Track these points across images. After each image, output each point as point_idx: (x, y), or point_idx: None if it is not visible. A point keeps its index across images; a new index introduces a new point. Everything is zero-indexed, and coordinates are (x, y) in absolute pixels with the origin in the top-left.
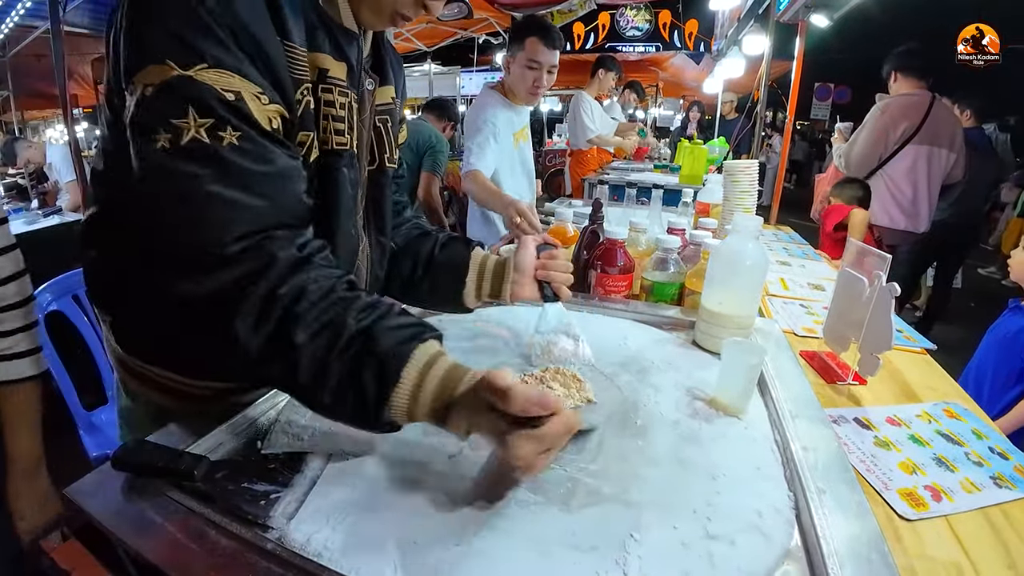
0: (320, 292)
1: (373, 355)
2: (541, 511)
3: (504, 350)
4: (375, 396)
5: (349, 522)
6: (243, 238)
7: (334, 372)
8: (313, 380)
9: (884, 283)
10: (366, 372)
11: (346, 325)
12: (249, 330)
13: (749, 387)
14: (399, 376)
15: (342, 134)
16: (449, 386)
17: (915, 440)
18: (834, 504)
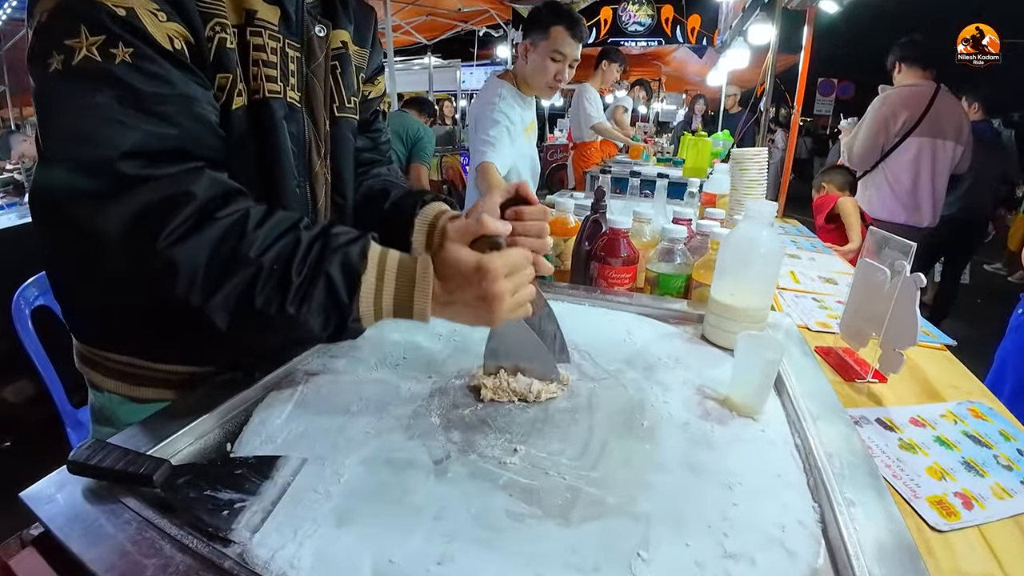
0: (262, 213)
1: (334, 252)
2: (536, 525)
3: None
4: (346, 287)
5: (319, 536)
6: (135, 156)
7: (295, 279)
8: (278, 294)
9: (908, 272)
10: (332, 267)
11: (300, 237)
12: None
13: (766, 385)
14: (365, 258)
15: (274, 81)
16: (407, 262)
17: (941, 442)
18: (864, 516)
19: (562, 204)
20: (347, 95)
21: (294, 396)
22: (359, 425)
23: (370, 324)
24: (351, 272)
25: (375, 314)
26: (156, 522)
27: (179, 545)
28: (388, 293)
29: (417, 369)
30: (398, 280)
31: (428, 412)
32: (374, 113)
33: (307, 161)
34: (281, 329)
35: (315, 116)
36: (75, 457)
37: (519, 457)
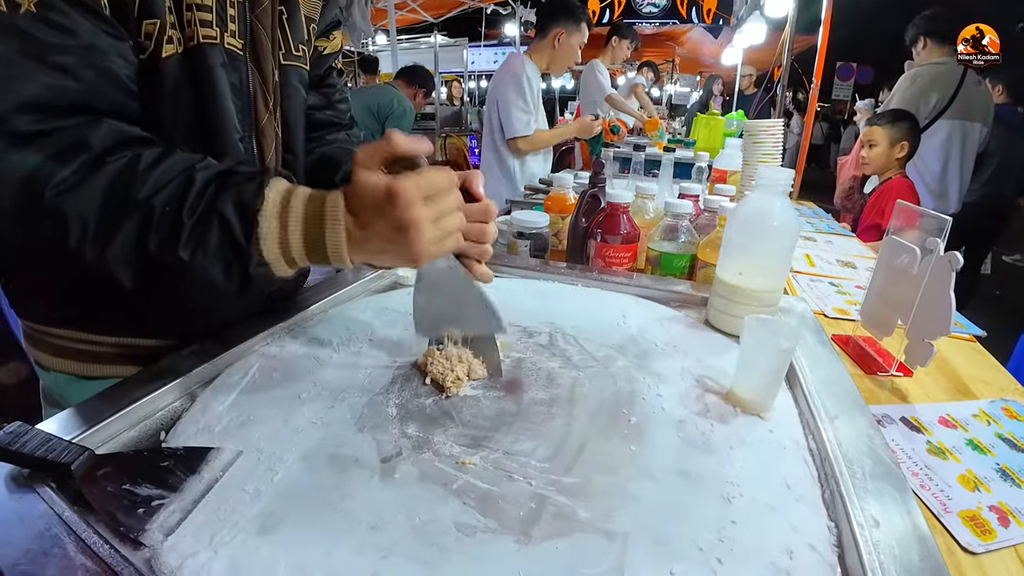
0: (157, 155)
1: (229, 190)
2: (490, 542)
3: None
4: (241, 227)
5: (237, 544)
6: (31, 110)
7: (187, 221)
8: (171, 237)
9: (942, 251)
10: (225, 207)
11: (194, 176)
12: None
13: (777, 378)
14: (262, 195)
15: (209, 26)
16: (316, 197)
17: (974, 446)
18: (891, 540)
19: (560, 179)
20: (295, 42)
21: (243, 381)
22: (307, 414)
23: (284, 271)
24: (246, 210)
25: (285, 258)
26: (66, 517)
27: (82, 546)
28: (295, 232)
29: (382, 352)
30: (306, 217)
31: (386, 401)
32: (328, 69)
33: (252, 114)
34: (186, 279)
35: (261, 66)
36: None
37: (480, 457)
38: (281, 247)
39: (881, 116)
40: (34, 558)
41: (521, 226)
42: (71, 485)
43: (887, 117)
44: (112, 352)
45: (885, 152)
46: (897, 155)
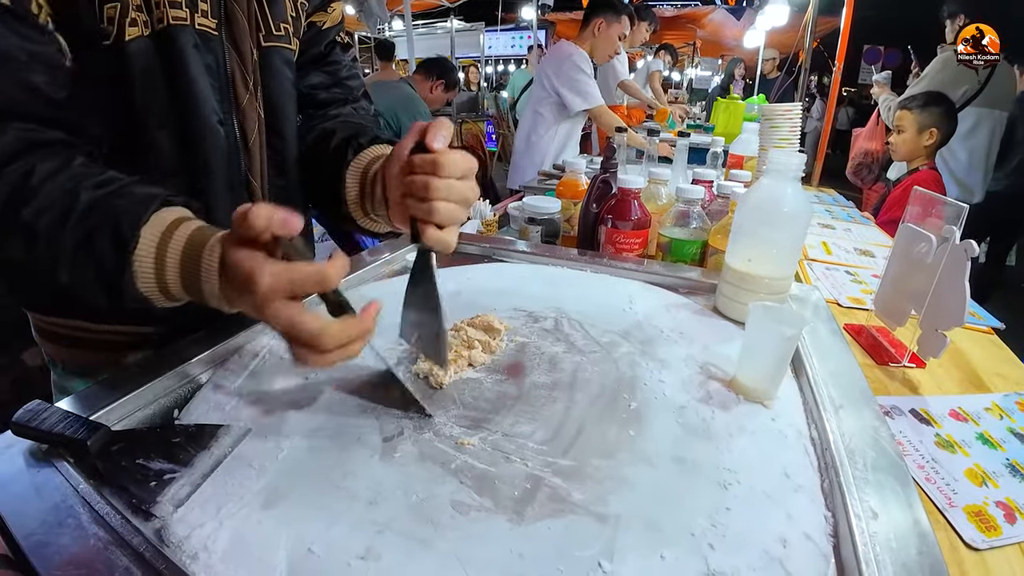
0: (51, 168)
1: (108, 220)
2: (483, 520)
3: None
4: (113, 263)
5: (242, 517)
6: None
7: (67, 245)
8: (51, 260)
9: (958, 239)
10: (101, 238)
11: (79, 197)
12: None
13: (781, 366)
14: (136, 235)
15: (179, 7)
16: (198, 241)
17: (984, 440)
18: (889, 533)
19: (572, 164)
20: (275, 21)
21: (253, 362)
22: (314, 394)
23: (166, 303)
24: (120, 247)
25: (164, 294)
26: (81, 490)
27: (97, 517)
28: (172, 273)
29: (389, 336)
30: (183, 262)
31: (391, 383)
32: (329, 45)
33: (232, 95)
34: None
35: (239, 46)
36: (18, 418)
37: (479, 438)
38: (158, 285)
39: (912, 99)
40: (50, 528)
41: (533, 212)
42: (87, 460)
43: (918, 100)
44: (114, 340)
45: (912, 139)
46: (925, 142)
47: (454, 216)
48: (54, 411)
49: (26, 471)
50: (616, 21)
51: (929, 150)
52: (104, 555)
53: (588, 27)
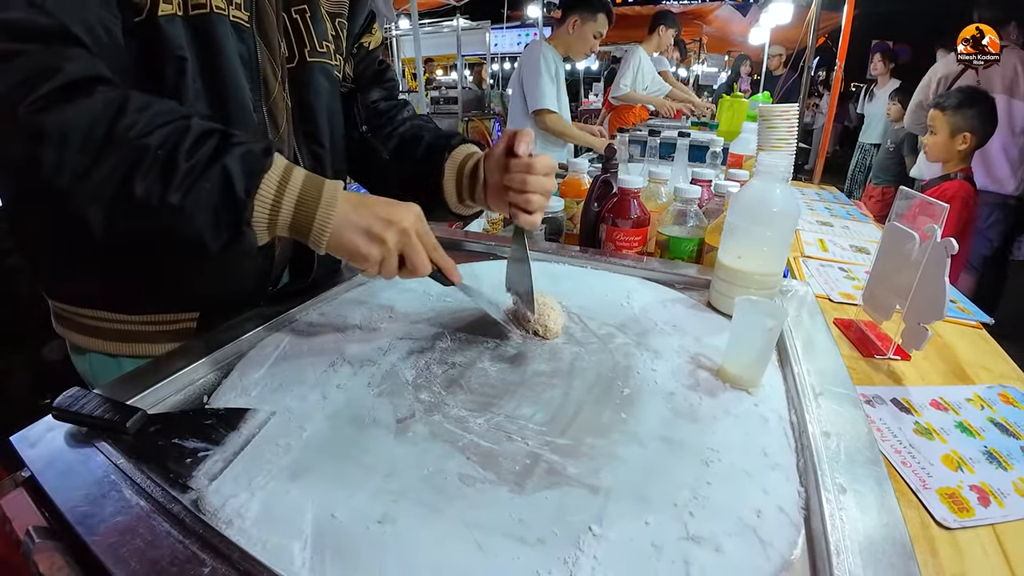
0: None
1: (232, 143)
2: (487, 491)
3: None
4: (244, 184)
5: (271, 488)
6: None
7: (182, 165)
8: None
9: (938, 238)
10: (229, 159)
11: (190, 121)
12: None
13: (764, 355)
14: (270, 158)
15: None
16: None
17: (963, 429)
18: (856, 506)
19: (575, 164)
20: (318, 40)
21: (275, 352)
22: (332, 381)
23: (262, 239)
24: (253, 166)
25: (269, 225)
26: (123, 467)
27: (138, 489)
28: (288, 203)
29: (401, 328)
30: (302, 193)
31: (403, 371)
32: (381, 63)
33: (262, 85)
34: (164, 227)
35: (269, 41)
36: (59, 404)
37: (484, 419)
38: (271, 213)
39: (946, 97)
40: (93, 500)
41: None
42: (125, 441)
43: (952, 99)
44: (138, 331)
45: (944, 143)
46: (959, 147)
47: (541, 204)
48: (93, 397)
49: (68, 451)
50: (591, 19)
51: (963, 154)
52: (146, 521)
53: (563, 24)
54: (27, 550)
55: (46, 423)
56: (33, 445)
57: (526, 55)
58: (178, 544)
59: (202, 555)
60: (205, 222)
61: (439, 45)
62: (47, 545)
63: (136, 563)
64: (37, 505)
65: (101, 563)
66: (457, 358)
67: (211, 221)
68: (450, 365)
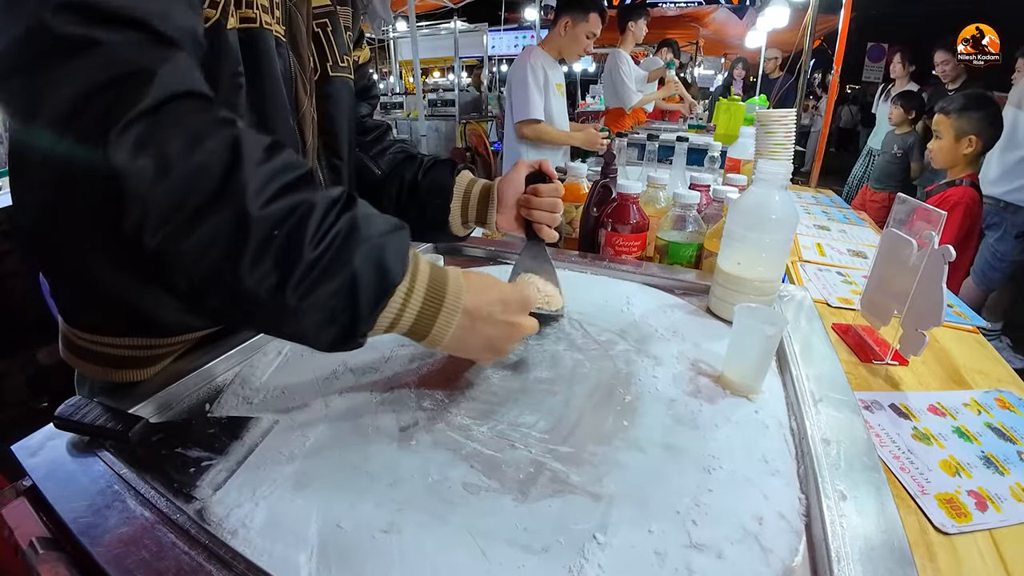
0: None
1: (366, 239)
2: (492, 500)
3: None
4: (374, 292)
5: (276, 497)
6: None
7: (311, 253)
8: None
9: (936, 245)
10: (359, 258)
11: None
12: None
13: (764, 362)
14: (404, 266)
15: (268, 12)
16: (437, 276)
17: (961, 434)
18: (856, 512)
19: (574, 168)
20: (340, 54)
21: (277, 360)
22: (335, 389)
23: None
24: (385, 277)
25: (386, 329)
26: (125, 476)
27: (142, 499)
28: (412, 309)
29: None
30: (426, 298)
31: (405, 379)
32: (370, 78)
33: (294, 98)
34: (265, 317)
35: (300, 53)
36: (60, 413)
37: (487, 427)
38: (389, 326)
39: (950, 101)
40: (97, 510)
41: None
42: (128, 450)
43: (956, 103)
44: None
45: (949, 147)
46: (964, 151)
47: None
48: (95, 406)
49: (70, 460)
50: (583, 20)
51: (968, 159)
52: (151, 532)
53: (556, 27)
54: (31, 561)
55: (47, 432)
56: (34, 454)
57: (514, 65)
58: (184, 555)
59: (208, 566)
60: (314, 323)
61: (437, 47)
62: (51, 556)
63: (142, 574)
64: (39, 515)
65: (106, 574)
66: (459, 365)
67: (321, 322)
68: (453, 372)
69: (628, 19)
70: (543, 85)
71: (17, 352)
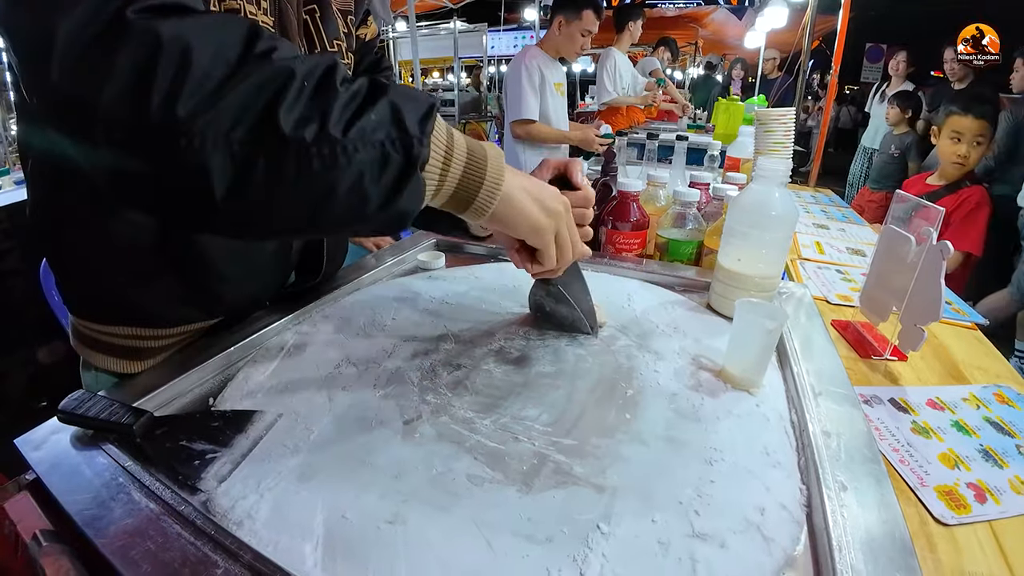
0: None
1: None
2: (496, 491)
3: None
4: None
5: (280, 489)
6: None
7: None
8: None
9: (935, 241)
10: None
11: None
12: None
13: (764, 357)
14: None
15: (253, 3)
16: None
17: (960, 428)
18: (856, 503)
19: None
20: (329, 40)
21: (280, 354)
22: (338, 383)
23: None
24: (420, 100)
25: (439, 181)
26: (130, 469)
27: (147, 491)
28: (459, 157)
29: (404, 331)
30: (469, 148)
31: (408, 372)
32: (377, 52)
33: None
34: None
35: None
36: (64, 406)
37: (491, 420)
38: (443, 165)
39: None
40: (102, 503)
41: None
42: (132, 443)
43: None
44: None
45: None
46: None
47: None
48: (99, 399)
49: (74, 453)
50: (576, 18)
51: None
52: (156, 523)
53: (551, 27)
54: (33, 553)
55: (51, 425)
56: (38, 448)
57: (510, 65)
58: (189, 546)
59: (214, 556)
60: (369, 161)
61: (436, 48)
62: (54, 548)
63: (148, 565)
64: (42, 508)
65: (111, 566)
66: (462, 360)
67: (377, 159)
68: (455, 367)
69: (628, 19)
70: (539, 85)
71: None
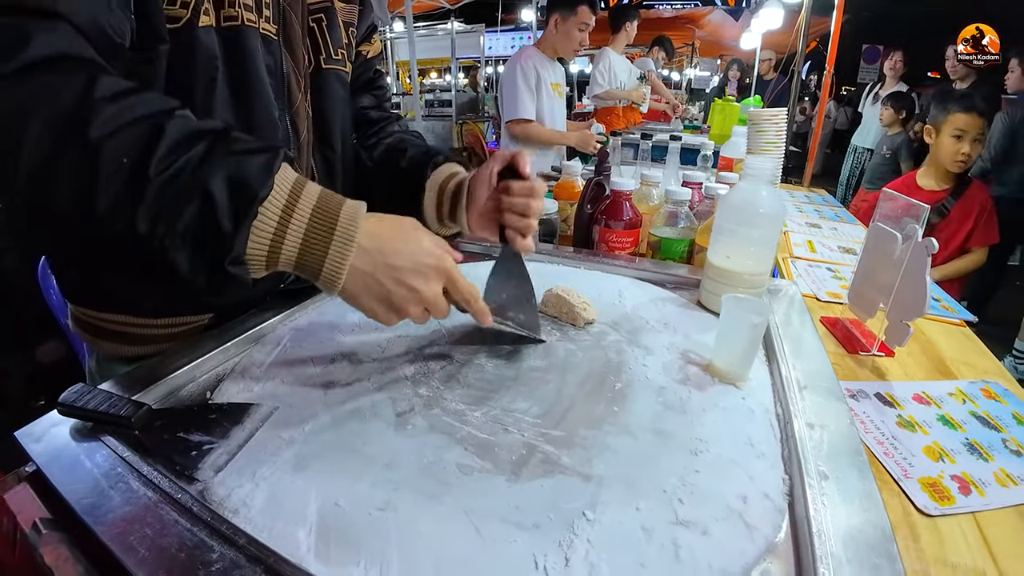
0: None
1: (225, 156)
2: (484, 480)
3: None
4: (231, 213)
5: (275, 479)
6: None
7: (157, 176)
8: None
9: (920, 237)
10: (213, 180)
11: (164, 125)
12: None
13: (751, 351)
14: (269, 183)
15: (251, 11)
16: (330, 198)
17: (945, 422)
18: (838, 493)
19: (569, 167)
20: (334, 47)
21: (276, 349)
22: (333, 376)
23: (259, 272)
24: (243, 191)
25: (268, 259)
26: (129, 460)
27: (145, 481)
28: (295, 234)
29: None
30: (312, 220)
31: (402, 367)
32: (376, 72)
33: (287, 94)
34: (138, 251)
35: (294, 51)
36: (64, 399)
37: (481, 413)
38: (270, 246)
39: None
40: (101, 492)
41: None
42: (130, 435)
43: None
44: (150, 335)
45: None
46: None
47: (535, 229)
48: (98, 392)
49: (74, 445)
50: (571, 14)
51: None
52: (154, 511)
53: (548, 25)
54: (33, 542)
55: (50, 419)
56: (38, 440)
57: (506, 65)
58: (186, 532)
59: (210, 541)
60: (182, 256)
61: (433, 48)
62: (53, 537)
63: (145, 550)
64: (41, 499)
65: (110, 552)
66: (454, 354)
67: (187, 255)
68: (447, 361)
69: (624, 20)
70: (535, 85)
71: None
